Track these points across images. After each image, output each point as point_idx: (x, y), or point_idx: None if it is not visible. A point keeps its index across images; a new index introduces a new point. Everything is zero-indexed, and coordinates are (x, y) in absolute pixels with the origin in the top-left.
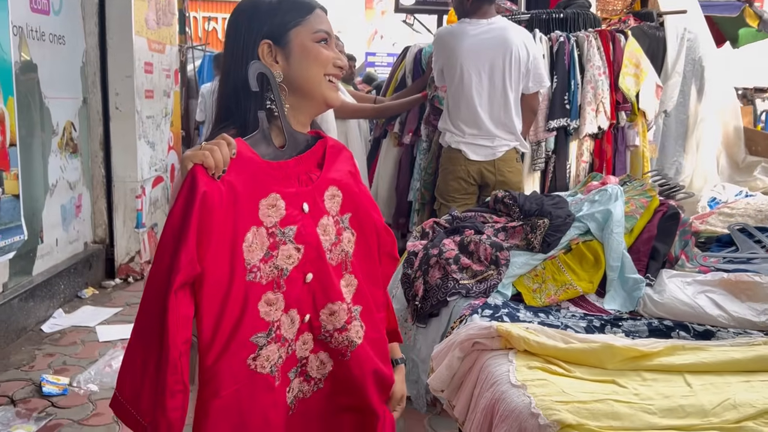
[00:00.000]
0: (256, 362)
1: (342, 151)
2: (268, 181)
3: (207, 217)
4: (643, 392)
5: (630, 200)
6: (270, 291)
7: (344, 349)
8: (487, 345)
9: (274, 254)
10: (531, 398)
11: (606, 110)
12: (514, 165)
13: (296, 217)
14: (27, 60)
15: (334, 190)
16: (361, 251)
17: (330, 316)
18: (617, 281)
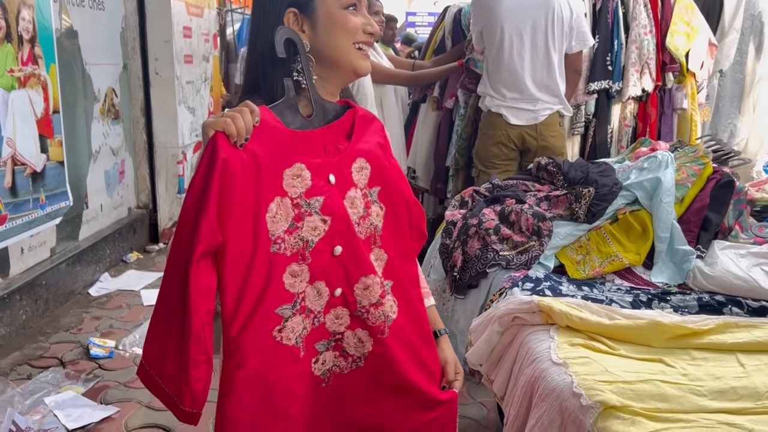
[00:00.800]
0: (281, 334)
1: (372, 121)
2: (293, 150)
3: (228, 185)
4: (692, 372)
5: (681, 167)
6: (294, 263)
7: (382, 326)
8: (527, 320)
9: (299, 225)
10: (573, 377)
11: (651, 71)
12: (557, 129)
13: (322, 188)
14: (68, 26)
15: (362, 162)
16: (391, 225)
17: (365, 291)
18: (666, 253)
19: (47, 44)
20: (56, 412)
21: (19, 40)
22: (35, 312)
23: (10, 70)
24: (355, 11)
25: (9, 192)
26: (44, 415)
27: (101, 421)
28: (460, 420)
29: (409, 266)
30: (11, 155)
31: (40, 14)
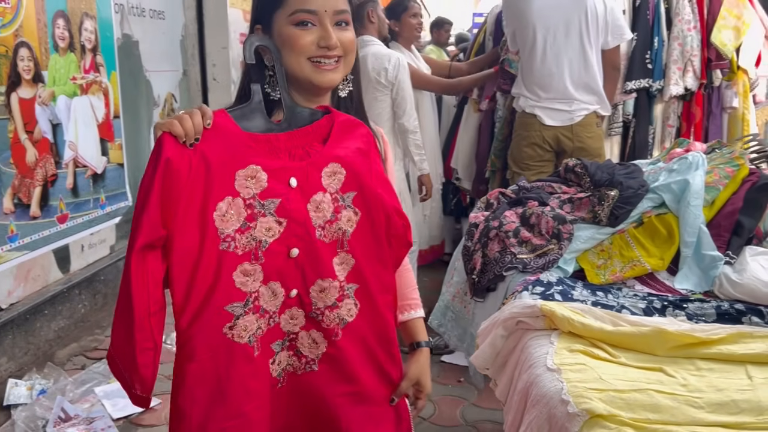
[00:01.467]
0: (233, 331)
1: (355, 127)
2: (248, 152)
3: (172, 183)
4: (692, 383)
5: (714, 169)
6: (247, 262)
7: (335, 328)
8: (530, 324)
9: (251, 225)
10: (563, 384)
11: (695, 69)
12: (594, 130)
13: (280, 191)
14: (128, 36)
15: (335, 167)
16: (364, 231)
17: (320, 293)
18: (692, 258)
19: (108, 53)
20: (104, 401)
21: (82, 49)
22: (93, 306)
23: (72, 78)
24: (307, 27)
25: (71, 192)
26: (93, 404)
27: (143, 411)
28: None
29: (382, 273)
30: (73, 158)
31: (102, 25)
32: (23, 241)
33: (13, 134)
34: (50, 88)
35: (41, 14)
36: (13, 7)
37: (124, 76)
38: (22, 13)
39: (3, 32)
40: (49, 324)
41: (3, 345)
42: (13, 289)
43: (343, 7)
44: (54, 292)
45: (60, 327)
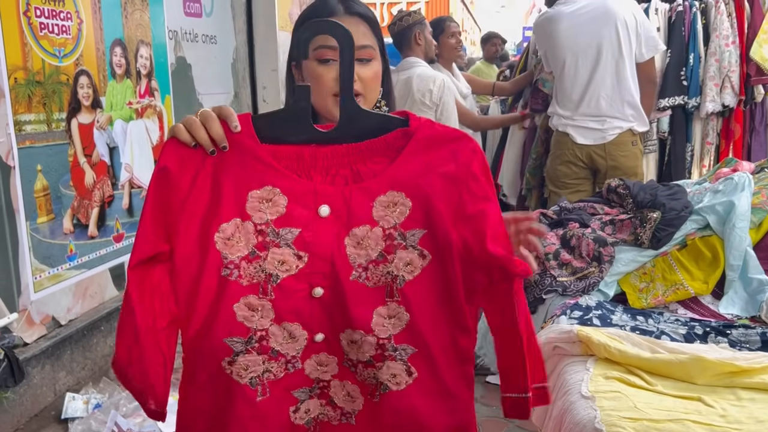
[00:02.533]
0: (231, 367)
1: (445, 144)
2: (267, 171)
3: (169, 195)
4: (732, 414)
5: (762, 190)
6: (253, 295)
7: (372, 389)
8: (567, 350)
9: (260, 255)
10: (597, 412)
11: (734, 85)
12: (629, 149)
13: (301, 220)
14: (182, 61)
15: (397, 195)
16: (432, 281)
17: (350, 344)
18: (738, 282)
19: (163, 78)
20: None
21: (138, 75)
22: None
23: (129, 103)
24: (329, 64)
25: (126, 212)
26: (145, 419)
27: None
28: None
29: (457, 336)
30: (129, 179)
31: (156, 51)
32: (82, 260)
33: (72, 158)
34: (108, 113)
35: (100, 43)
36: (74, 38)
37: (177, 100)
38: (82, 43)
39: (64, 62)
40: (105, 340)
41: (62, 360)
42: (71, 306)
43: (364, 42)
44: (110, 309)
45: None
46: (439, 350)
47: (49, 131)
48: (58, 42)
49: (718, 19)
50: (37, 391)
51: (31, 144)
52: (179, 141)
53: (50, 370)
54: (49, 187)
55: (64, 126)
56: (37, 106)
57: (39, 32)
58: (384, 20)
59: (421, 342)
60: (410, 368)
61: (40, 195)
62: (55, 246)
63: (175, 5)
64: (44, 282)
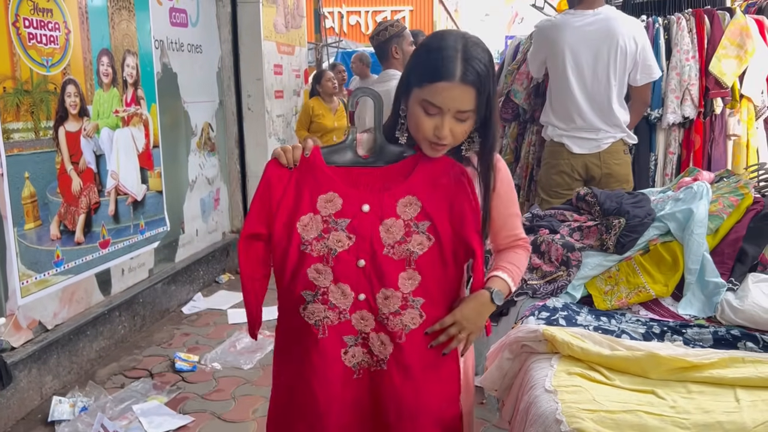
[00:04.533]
0: (305, 312)
1: (444, 166)
2: (330, 182)
3: (270, 195)
4: (681, 405)
5: (719, 198)
6: (320, 263)
7: (400, 332)
8: (534, 348)
9: (326, 236)
10: (558, 404)
11: (693, 97)
12: (622, 157)
13: (351, 213)
14: (168, 69)
15: (411, 199)
16: (433, 256)
17: (385, 300)
18: (696, 285)
19: (149, 86)
20: (141, 419)
21: (124, 83)
22: (133, 327)
23: (115, 111)
24: (430, 115)
25: (112, 219)
26: (131, 421)
27: (177, 429)
28: None
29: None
30: (115, 186)
31: (143, 60)
32: (68, 265)
33: (60, 165)
34: (94, 122)
35: (87, 53)
36: (62, 48)
37: (163, 108)
38: (69, 52)
39: (52, 71)
40: (91, 344)
41: (48, 364)
42: (58, 311)
43: (466, 108)
44: (96, 313)
45: (101, 347)
46: (439, 299)
47: (36, 139)
48: (46, 52)
49: (679, 34)
50: (24, 394)
51: (19, 152)
52: (278, 162)
53: (37, 374)
54: (36, 193)
55: (51, 134)
56: (25, 114)
57: (27, 42)
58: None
59: (429, 295)
60: (422, 313)
61: (28, 202)
62: (42, 252)
63: (162, 15)
64: (31, 287)
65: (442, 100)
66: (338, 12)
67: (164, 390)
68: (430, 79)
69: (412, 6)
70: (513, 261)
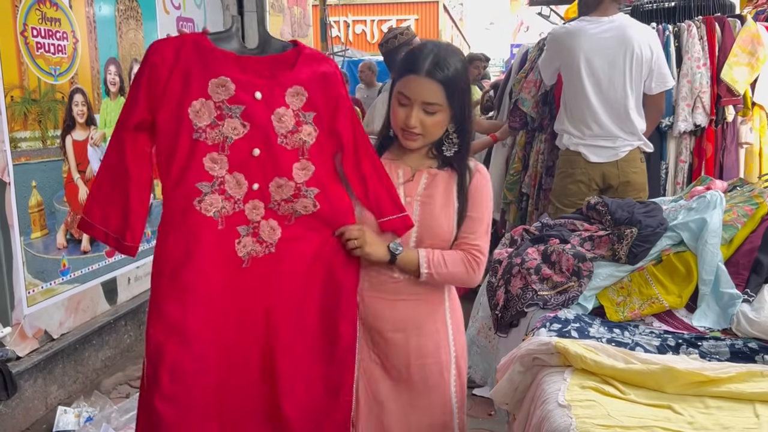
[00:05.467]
0: (201, 205)
1: (321, 61)
2: (221, 67)
3: (157, 75)
4: (699, 421)
5: (733, 207)
6: (215, 152)
7: (290, 216)
8: (546, 361)
9: (220, 124)
10: (572, 420)
11: (704, 105)
12: (639, 165)
13: (245, 100)
14: None
15: (298, 89)
16: (321, 146)
17: (277, 189)
18: (710, 296)
19: None
20: None
21: None
22: (138, 337)
23: None
24: (403, 106)
25: None
26: None
27: None
28: None
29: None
30: None
31: None
32: (74, 274)
33: (66, 174)
34: (101, 130)
35: (95, 62)
36: (69, 57)
37: None
38: (77, 62)
39: (60, 80)
40: (96, 354)
41: (54, 374)
42: (64, 320)
43: (432, 100)
44: (102, 323)
45: (107, 356)
46: (333, 186)
47: (44, 148)
48: (53, 61)
49: (690, 42)
50: (29, 404)
51: (26, 160)
52: (162, 42)
53: (42, 383)
54: (43, 202)
55: (58, 143)
56: (32, 123)
57: (35, 51)
58: (374, 37)
59: (321, 185)
60: (315, 202)
61: (35, 210)
62: (49, 261)
63: (169, 24)
64: (37, 296)
65: (410, 91)
66: (344, 21)
67: None
68: (403, 73)
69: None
70: (445, 254)
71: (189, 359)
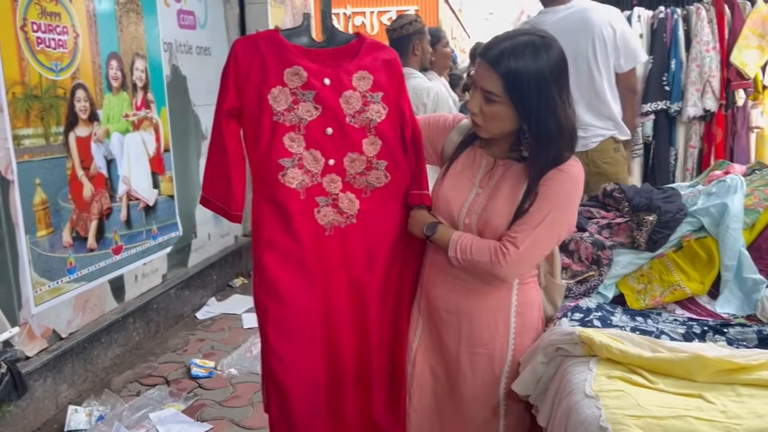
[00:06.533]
0: (284, 178)
1: (382, 49)
2: (294, 58)
3: (239, 67)
4: (732, 410)
5: (753, 191)
6: (292, 132)
7: (365, 188)
8: (570, 351)
9: (295, 108)
10: (601, 410)
11: (714, 90)
12: (612, 155)
13: (316, 86)
14: (177, 72)
15: (364, 73)
16: (389, 123)
17: (351, 163)
18: (733, 282)
19: (159, 90)
20: (158, 427)
21: (134, 87)
22: (147, 334)
23: (125, 115)
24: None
25: (124, 224)
26: (148, 430)
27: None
28: None
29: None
30: (126, 191)
31: (152, 63)
32: (81, 272)
33: (71, 171)
34: (105, 126)
35: (96, 57)
36: (70, 52)
37: (173, 112)
38: (78, 57)
39: (61, 75)
40: (105, 352)
41: (63, 373)
42: (72, 319)
43: (489, 88)
44: (110, 321)
45: (116, 354)
46: (400, 158)
47: (47, 145)
48: (54, 56)
49: (698, 25)
50: (39, 404)
51: (30, 158)
52: (243, 40)
53: (52, 383)
54: (48, 200)
55: (61, 139)
56: (35, 120)
57: (36, 47)
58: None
59: (390, 157)
60: (386, 174)
61: (39, 209)
62: (55, 259)
63: (170, 18)
64: (44, 295)
65: (476, 75)
66: (343, 13)
67: (181, 397)
68: (477, 55)
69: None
70: (475, 241)
71: (289, 317)
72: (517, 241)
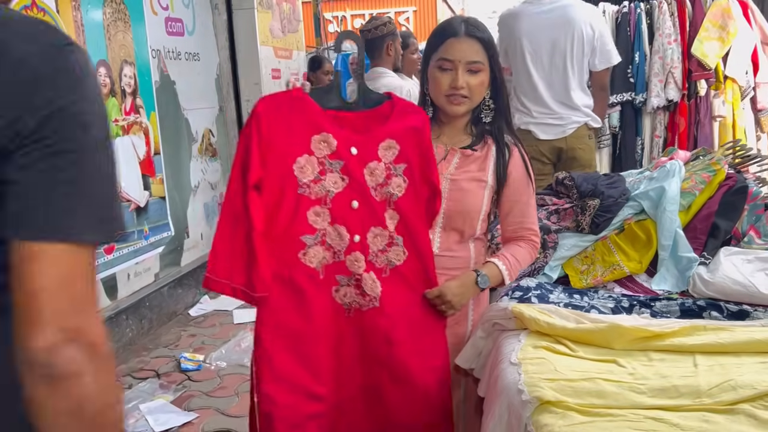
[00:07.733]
0: (305, 257)
1: (412, 113)
2: (323, 123)
3: (261, 134)
4: (640, 372)
5: (692, 175)
6: (318, 205)
7: (385, 267)
8: (504, 325)
9: (323, 178)
10: (521, 375)
11: (676, 80)
12: (586, 142)
13: (344, 155)
14: (166, 78)
15: (391, 142)
16: (410, 196)
17: (374, 238)
18: (669, 261)
19: (147, 95)
20: (147, 417)
21: (123, 93)
22: (140, 330)
23: (114, 120)
24: (445, 72)
25: None
26: (137, 419)
27: (182, 425)
28: None
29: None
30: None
31: (140, 69)
32: None
33: None
34: None
35: None
36: None
37: (162, 116)
38: None
39: None
40: None
41: None
42: None
43: (476, 58)
44: (103, 317)
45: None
46: (418, 237)
47: None
48: None
49: (661, 19)
50: None
51: None
52: (268, 99)
53: None
54: None
55: None
56: None
57: None
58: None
59: (408, 233)
60: (404, 250)
61: None
62: None
63: (158, 25)
64: None
65: (453, 53)
66: (342, 16)
67: (170, 389)
68: (441, 40)
69: (415, 6)
70: (513, 253)
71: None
72: (536, 230)
